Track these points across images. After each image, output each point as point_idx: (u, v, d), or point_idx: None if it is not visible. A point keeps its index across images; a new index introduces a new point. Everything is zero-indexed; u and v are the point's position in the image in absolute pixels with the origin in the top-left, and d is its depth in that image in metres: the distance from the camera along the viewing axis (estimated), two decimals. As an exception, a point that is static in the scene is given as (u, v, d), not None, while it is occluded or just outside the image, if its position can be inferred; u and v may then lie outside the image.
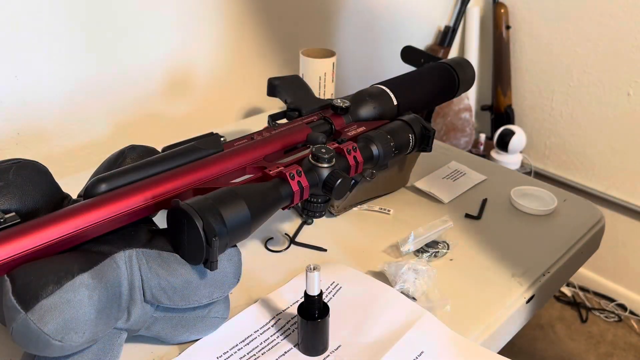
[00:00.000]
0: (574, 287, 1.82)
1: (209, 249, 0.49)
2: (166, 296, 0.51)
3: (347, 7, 1.34)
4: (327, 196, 0.61)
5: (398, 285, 0.62)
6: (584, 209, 0.81)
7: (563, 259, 0.72)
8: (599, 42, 1.52)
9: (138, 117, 1.02)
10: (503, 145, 1.62)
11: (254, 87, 1.18)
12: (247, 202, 0.52)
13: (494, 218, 0.79)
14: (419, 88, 0.81)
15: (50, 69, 0.88)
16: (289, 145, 0.66)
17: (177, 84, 1.06)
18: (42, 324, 0.43)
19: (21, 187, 0.52)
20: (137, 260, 0.51)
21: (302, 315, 0.54)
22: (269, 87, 0.82)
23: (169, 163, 0.57)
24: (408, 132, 0.70)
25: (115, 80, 0.97)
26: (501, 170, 0.93)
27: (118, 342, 0.52)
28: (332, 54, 1.01)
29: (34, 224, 0.47)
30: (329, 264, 0.68)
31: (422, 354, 0.55)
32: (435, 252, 0.69)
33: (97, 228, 0.50)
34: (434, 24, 1.63)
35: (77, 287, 0.45)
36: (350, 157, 0.63)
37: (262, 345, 0.56)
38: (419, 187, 0.84)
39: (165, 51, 1.02)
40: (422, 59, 1.38)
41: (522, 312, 0.66)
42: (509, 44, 1.67)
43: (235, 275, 0.55)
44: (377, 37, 1.45)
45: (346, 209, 0.78)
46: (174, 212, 0.51)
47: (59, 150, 0.94)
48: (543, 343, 1.70)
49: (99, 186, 0.52)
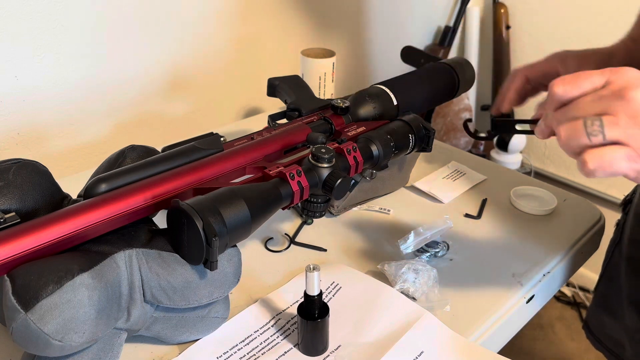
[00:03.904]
0: (574, 287, 1.82)
1: (209, 249, 0.49)
2: (166, 296, 0.51)
3: (347, 7, 1.34)
4: (327, 196, 0.61)
5: (398, 285, 0.62)
6: (584, 209, 0.81)
7: (563, 259, 0.72)
8: (599, 42, 1.52)
9: (138, 117, 1.02)
10: (503, 145, 1.62)
11: (254, 87, 1.18)
12: (247, 202, 0.52)
13: (494, 218, 0.79)
14: (419, 88, 0.81)
15: (50, 69, 0.88)
16: (289, 145, 0.66)
17: (177, 84, 1.06)
18: (42, 324, 0.43)
19: (21, 187, 0.52)
20: (137, 260, 0.51)
21: (302, 315, 0.54)
22: (269, 87, 0.82)
23: (169, 163, 0.57)
24: (408, 132, 0.70)
25: (115, 80, 0.97)
26: (501, 170, 0.93)
27: (118, 342, 0.52)
28: (332, 54, 1.01)
29: (34, 224, 0.47)
30: (329, 264, 0.68)
31: (422, 354, 0.55)
32: (435, 252, 0.69)
33: (97, 228, 0.50)
34: (434, 24, 1.63)
35: (77, 287, 0.45)
36: (350, 157, 0.63)
37: (262, 345, 0.56)
38: (419, 187, 0.84)
39: (165, 51, 1.02)
40: (422, 59, 1.38)
41: (522, 312, 0.66)
42: (509, 44, 1.67)
43: (235, 275, 0.55)
44: (377, 37, 1.45)
45: (346, 209, 0.78)
46: (174, 212, 0.51)
47: (59, 150, 0.94)
48: (543, 343, 1.70)
49: (99, 186, 0.52)
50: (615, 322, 0.86)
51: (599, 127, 0.43)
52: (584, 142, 0.44)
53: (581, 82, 0.46)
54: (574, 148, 0.45)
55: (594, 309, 0.92)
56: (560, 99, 0.47)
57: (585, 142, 0.44)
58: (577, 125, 0.44)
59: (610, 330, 0.88)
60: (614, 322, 0.86)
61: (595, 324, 0.91)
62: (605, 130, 0.43)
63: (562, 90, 0.46)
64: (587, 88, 0.46)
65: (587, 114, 0.44)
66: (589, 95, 0.45)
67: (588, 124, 0.44)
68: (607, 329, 0.88)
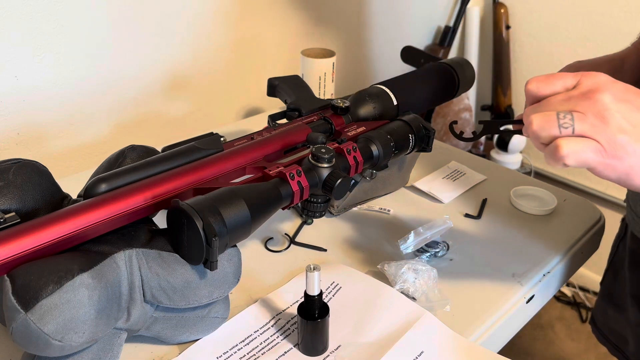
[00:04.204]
0: (574, 287, 1.82)
1: (209, 249, 0.49)
2: (166, 296, 0.51)
3: (347, 7, 1.34)
4: (327, 196, 0.61)
5: (398, 285, 0.62)
6: (584, 209, 0.81)
7: (563, 259, 0.72)
8: (599, 42, 1.52)
9: (138, 117, 1.02)
10: (503, 145, 1.62)
11: (254, 87, 1.18)
12: (247, 202, 0.52)
13: (494, 218, 0.79)
14: (419, 88, 0.81)
15: (50, 69, 0.88)
16: (289, 145, 0.66)
17: (177, 83, 1.06)
18: (42, 324, 0.43)
19: (21, 187, 0.52)
20: (137, 260, 0.51)
21: (302, 315, 0.54)
22: (269, 87, 0.82)
23: (169, 163, 0.57)
24: (408, 132, 0.70)
25: (115, 80, 0.97)
26: (501, 170, 0.93)
27: (118, 342, 0.52)
28: (332, 54, 1.01)
29: (34, 224, 0.47)
30: (329, 264, 0.68)
31: (422, 354, 0.55)
32: (435, 252, 0.69)
33: (97, 228, 0.50)
34: (434, 24, 1.63)
35: (77, 287, 0.45)
36: (350, 157, 0.63)
37: (262, 345, 0.56)
38: (419, 187, 0.84)
39: (165, 51, 1.02)
40: (422, 59, 1.38)
41: (522, 312, 0.66)
42: (509, 44, 1.67)
43: (235, 275, 0.55)
44: (377, 37, 1.45)
45: (346, 209, 0.78)
46: (174, 212, 0.51)
47: (59, 150, 0.94)
48: (543, 343, 1.70)
49: (99, 186, 0.52)
50: (620, 316, 0.87)
51: (570, 120, 0.47)
52: (554, 132, 0.47)
53: (553, 82, 0.50)
54: (543, 138, 0.48)
55: (600, 303, 0.93)
56: (534, 95, 0.51)
57: (556, 132, 0.47)
58: (550, 116, 0.48)
59: (615, 325, 0.89)
60: (618, 315, 0.87)
61: (601, 318, 0.92)
62: (575, 123, 0.46)
63: (535, 87, 0.51)
64: (559, 87, 0.50)
65: (558, 109, 0.48)
66: (561, 94, 0.49)
67: (560, 116, 0.47)
68: (612, 323, 0.89)
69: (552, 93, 0.50)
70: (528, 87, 0.51)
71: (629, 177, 0.47)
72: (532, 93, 0.51)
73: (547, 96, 0.50)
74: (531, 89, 0.51)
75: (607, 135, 0.46)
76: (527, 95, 0.52)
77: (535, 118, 0.48)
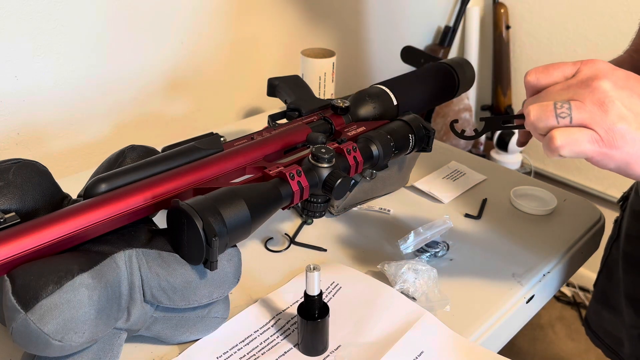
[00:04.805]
0: (574, 287, 1.82)
1: (209, 249, 0.49)
2: (166, 296, 0.51)
3: (347, 7, 1.34)
4: (327, 196, 0.61)
5: (398, 285, 0.62)
6: (584, 209, 0.81)
7: (563, 259, 0.72)
8: (599, 42, 1.52)
9: (138, 117, 1.02)
10: (503, 145, 1.62)
11: (254, 87, 1.18)
12: (247, 202, 0.52)
13: (494, 218, 0.79)
14: (419, 88, 0.81)
15: (50, 69, 0.88)
16: (289, 145, 0.66)
17: (177, 83, 1.06)
18: (42, 324, 0.43)
19: (21, 187, 0.52)
20: (137, 260, 0.51)
21: (302, 315, 0.54)
22: (269, 87, 0.82)
23: (169, 163, 0.57)
24: (408, 132, 0.70)
25: (115, 80, 0.97)
26: (501, 170, 0.93)
27: (118, 342, 0.52)
28: (332, 54, 1.01)
29: (34, 224, 0.47)
30: (329, 264, 0.68)
31: (422, 354, 0.55)
32: (435, 252, 0.69)
33: (97, 228, 0.50)
34: (434, 24, 1.63)
35: (77, 287, 0.45)
36: (350, 157, 0.63)
37: (262, 345, 0.56)
38: (419, 187, 0.84)
39: (165, 51, 1.02)
40: (422, 59, 1.38)
41: (522, 312, 0.66)
42: (509, 44, 1.67)
43: (235, 275, 0.55)
44: (377, 37, 1.45)
45: (346, 209, 0.78)
46: (174, 212, 0.51)
47: (59, 150, 0.94)
48: (543, 343, 1.70)
49: (99, 186, 0.52)
50: (614, 318, 0.86)
51: (567, 109, 0.46)
52: (551, 122, 0.47)
53: (552, 71, 0.49)
54: (541, 128, 0.48)
55: (594, 305, 0.93)
56: (534, 86, 0.50)
57: (553, 123, 0.46)
58: (547, 106, 0.47)
59: (610, 327, 0.88)
60: (613, 318, 0.87)
61: (595, 320, 0.92)
62: (573, 113, 0.46)
63: (534, 78, 0.50)
64: (558, 77, 0.49)
65: (556, 100, 0.47)
66: (560, 83, 0.48)
67: (557, 106, 0.46)
68: (607, 325, 0.89)
69: (551, 83, 0.49)
70: (527, 78, 0.50)
71: (629, 165, 0.46)
72: (532, 84, 0.51)
73: (547, 86, 0.49)
74: (530, 80, 0.50)
75: (606, 123, 0.45)
76: (526, 87, 0.51)
77: (533, 109, 0.48)
